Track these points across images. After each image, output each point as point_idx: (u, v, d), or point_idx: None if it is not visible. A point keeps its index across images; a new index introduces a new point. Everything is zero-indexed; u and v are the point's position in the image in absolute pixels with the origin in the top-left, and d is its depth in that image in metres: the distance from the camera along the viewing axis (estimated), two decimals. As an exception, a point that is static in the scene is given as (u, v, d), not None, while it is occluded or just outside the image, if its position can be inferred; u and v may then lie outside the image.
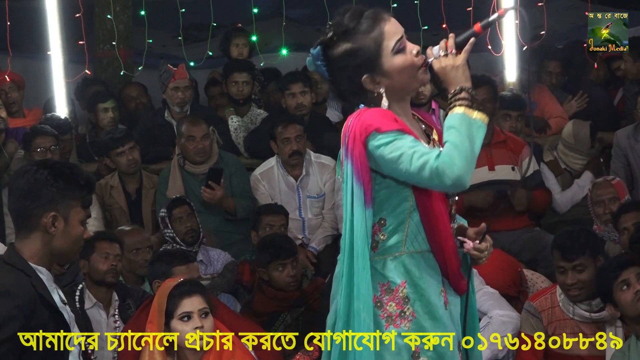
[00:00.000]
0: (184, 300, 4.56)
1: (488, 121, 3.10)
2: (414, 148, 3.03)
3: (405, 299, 3.13)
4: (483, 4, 6.85)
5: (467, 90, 3.09)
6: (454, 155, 2.99)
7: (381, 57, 3.12)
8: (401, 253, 3.15)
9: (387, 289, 3.13)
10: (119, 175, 6.72)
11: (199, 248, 6.16)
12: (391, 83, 3.15)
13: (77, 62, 7.49)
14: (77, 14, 7.05)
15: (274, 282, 5.50)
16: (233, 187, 6.61)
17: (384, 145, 3.04)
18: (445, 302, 3.19)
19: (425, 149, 3.05)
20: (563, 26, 9.76)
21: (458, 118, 3.05)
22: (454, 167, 2.98)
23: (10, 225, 6.35)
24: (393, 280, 3.13)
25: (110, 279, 5.34)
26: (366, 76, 3.13)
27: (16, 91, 7.38)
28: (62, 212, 3.32)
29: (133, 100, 7.89)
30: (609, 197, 6.09)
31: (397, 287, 3.13)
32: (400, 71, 3.14)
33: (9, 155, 6.67)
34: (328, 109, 7.82)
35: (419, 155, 3.01)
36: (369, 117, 3.09)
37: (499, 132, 6.37)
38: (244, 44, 8.09)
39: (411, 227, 3.15)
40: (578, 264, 4.93)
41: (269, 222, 6.09)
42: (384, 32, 3.13)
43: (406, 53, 3.14)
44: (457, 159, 2.99)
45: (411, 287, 3.13)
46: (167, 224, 6.15)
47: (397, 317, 3.13)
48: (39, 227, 3.31)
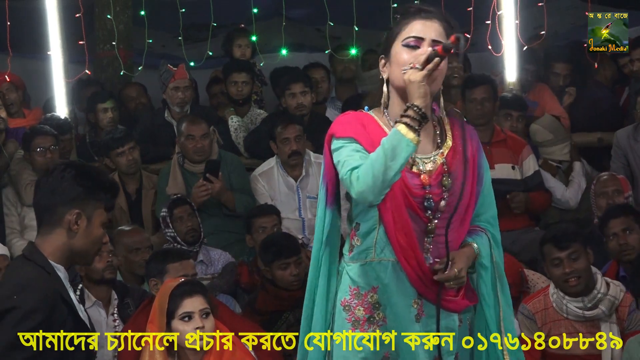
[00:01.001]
0: (185, 301, 4.57)
1: (418, 142, 3.04)
2: (348, 157, 3.09)
3: (376, 304, 3.14)
4: (483, 4, 6.86)
5: (414, 108, 3.04)
6: (365, 172, 3.03)
7: (394, 43, 3.18)
8: (372, 259, 3.17)
9: (357, 294, 3.16)
10: (119, 176, 6.72)
11: (199, 248, 6.16)
12: (390, 73, 3.20)
13: (77, 62, 7.49)
14: (77, 14, 7.05)
15: (278, 281, 5.50)
16: (232, 184, 6.61)
17: (335, 150, 3.15)
18: (420, 313, 3.17)
19: (354, 161, 3.08)
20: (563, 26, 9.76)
21: (392, 134, 3.05)
22: (359, 182, 3.04)
23: (10, 225, 6.35)
24: (362, 285, 3.15)
25: (109, 275, 5.37)
26: (382, 57, 3.23)
27: (14, 92, 7.38)
28: (86, 212, 3.38)
29: (133, 101, 7.89)
30: (613, 189, 6.08)
31: (367, 293, 3.15)
32: (397, 64, 3.17)
33: (9, 155, 6.67)
34: (328, 109, 7.81)
35: (347, 165, 3.09)
36: (336, 121, 3.21)
37: (499, 131, 6.38)
38: (247, 44, 8.08)
39: (380, 235, 3.16)
40: (572, 251, 4.95)
41: (261, 224, 6.08)
42: (410, 24, 3.17)
43: (413, 52, 3.14)
44: (365, 176, 3.03)
45: (383, 294, 3.15)
46: (168, 223, 6.14)
47: (365, 322, 3.13)
48: (62, 223, 3.36)
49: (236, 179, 6.66)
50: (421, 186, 3.16)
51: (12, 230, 6.34)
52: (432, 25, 3.15)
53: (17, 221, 6.38)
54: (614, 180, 6.14)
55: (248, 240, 6.17)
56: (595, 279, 5.02)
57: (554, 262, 5.01)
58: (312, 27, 9.91)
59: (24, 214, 6.39)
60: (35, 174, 6.40)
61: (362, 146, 3.11)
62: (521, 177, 6.29)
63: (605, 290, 4.99)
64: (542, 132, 6.75)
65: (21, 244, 6.25)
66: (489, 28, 6.77)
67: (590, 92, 7.51)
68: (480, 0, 6.91)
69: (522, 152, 6.34)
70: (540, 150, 6.78)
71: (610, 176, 6.20)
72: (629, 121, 7.03)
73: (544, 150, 6.77)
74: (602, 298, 4.97)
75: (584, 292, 4.98)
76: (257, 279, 5.99)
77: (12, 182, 6.48)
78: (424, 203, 3.15)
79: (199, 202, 6.38)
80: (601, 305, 4.96)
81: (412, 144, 3.01)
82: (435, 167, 3.19)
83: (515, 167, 6.29)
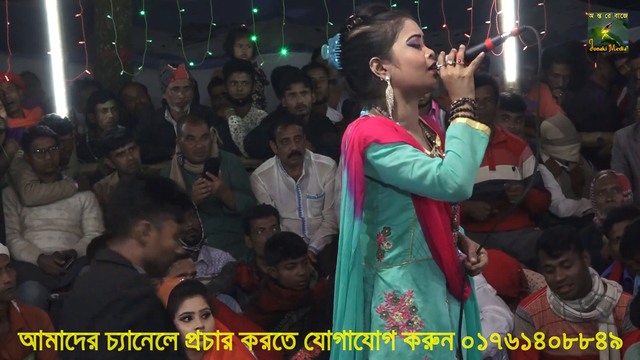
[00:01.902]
0: (186, 301, 4.57)
1: (490, 132, 3.10)
2: (415, 157, 3.03)
3: (413, 308, 3.11)
4: (483, 4, 6.85)
5: (470, 101, 3.09)
6: (456, 165, 3.00)
7: (394, 43, 3.14)
8: (408, 262, 3.14)
9: (393, 299, 3.12)
10: (119, 176, 6.72)
11: (200, 248, 6.16)
12: (398, 74, 3.14)
13: (77, 62, 7.47)
14: (77, 14, 7.03)
15: (283, 281, 5.50)
16: (232, 184, 6.61)
17: (383, 155, 3.05)
18: (449, 308, 3.19)
19: (426, 158, 3.05)
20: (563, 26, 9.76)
21: (461, 128, 3.05)
22: (456, 176, 3.00)
23: (10, 225, 6.35)
24: (399, 289, 3.11)
25: None
26: (375, 59, 3.14)
27: (15, 91, 7.37)
28: (155, 223, 3.41)
29: (133, 100, 7.89)
30: (612, 187, 6.09)
31: (403, 297, 3.11)
32: (409, 64, 3.13)
33: (8, 155, 6.66)
34: (328, 109, 7.82)
35: (420, 164, 3.02)
36: (368, 128, 3.09)
37: (500, 132, 6.38)
38: (248, 44, 8.08)
39: (416, 236, 3.14)
40: (564, 260, 4.94)
41: (260, 226, 6.07)
42: (404, 24, 3.16)
43: (420, 51, 3.15)
44: (460, 169, 3.00)
45: (418, 296, 3.12)
46: (169, 223, 6.12)
47: (405, 327, 3.11)
48: (132, 234, 3.40)
49: (236, 178, 6.66)
50: None
51: (12, 230, 6.34)
52: (416, 22, 3.20)
53: (17, 221, 6.38)
54: (613, 178, 6.15)
55: (247, 242, 6.17)
56: (592, 280, 5.02)
57: (547, 269, 5.02)
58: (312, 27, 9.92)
59: (24, 214, 6.39)
60: (35, 175, 6.40)
61: (413, 147, 3.07)
62: (521, 178, 6.29)
63: (603, 291, 4.99)
64: (553, 130, 6.75)
65: (21, 244, 6.26)
66: (489, 28, 6.76)
67: (585, 93, 7.53)
68: (480, 0, 6.91)
69: (522, 153, 6.34)
70: (549, 148, 6.77)
71: (610, 174, 6.21)
72: (628, 121, 7.03)
73: (552, 148, 6.76)
74: (599, 299, 4.97)
75: (581, 294, 4.98)
76: (256, 278, 5.99)
77: (12, 182, 6.48)
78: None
79: (199, 200, 6.38)
80: (598, 306, 4.96)
81: (486, 135, 3.07)
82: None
83: (515, 168, 6.29)
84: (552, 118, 6.85)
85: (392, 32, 3.14)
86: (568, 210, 6.61)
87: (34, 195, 6.35)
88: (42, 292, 6.06)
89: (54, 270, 6.17)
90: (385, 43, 3.14)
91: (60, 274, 6.19)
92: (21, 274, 5.71)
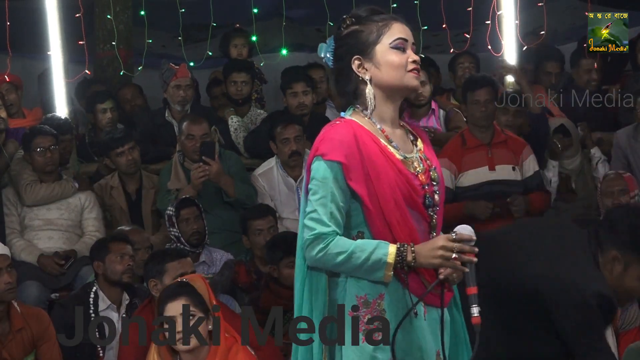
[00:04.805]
0: (167, 305, 4.58)
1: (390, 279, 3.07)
2: (324, 205, 3.07)
3: (383, 311, 3.11)
4: (483, 4, 6.86)
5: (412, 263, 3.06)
6: (338, 253, 3.05)
7: (377, 44, 3.16)
8: None
9: (365, 302, 3.11)
10: (119, 176, 6.72)
11: (202, 249, 6.15)
12: (377, 74, 3.16)
13: (77, 62, 7.48)
14: (77, 14, 7.03)
15: (284, 280, 5.50)
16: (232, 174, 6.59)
17: (315, 171, 3.10)
18: (424, 311, 3.16)
19: (325, 217, 3.06)
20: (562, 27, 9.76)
21: (383, 252, 3.05)
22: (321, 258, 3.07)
23: (10, 225, 6.35)
24: (370, 293, 3.11)
25: (127, 278, 5.50)
26: (356, 57, 3.17)
27: (14, 92, 7.37)
28: (625, 259, 3.45)
29: (128, 103, 7.87)
30: (619, 189, 6.07)
31: (375, 300, 3.11)
32: (388, 65, 3.15)
33: (9, 155, 6.66)
34: (328, 109, 7.81)
35: (317, 215, 3.07)
36: (326, 137, 3.12)
37: (500, 132, 6.38)
38: (243, 44, 8.10)
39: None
40: None
41: (257, 227, 6.07)
42: (390, 26, 3.17)
43: (403, 54, 3.16)
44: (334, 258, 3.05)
45: (388, 300, 3.11)
46: (174, 223, 6.11)
47: (374, 331, 3.11)
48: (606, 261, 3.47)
49: (235, 169, 6.65)
50: (421, 186, 3.18)
51: (12, 231, 6.33)
52: (407, 28, 3.21)
53: (17, 221, 6.38)
54: (620, 180, 6.12)
55: (245, 242, 6.17)
56: None
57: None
58: (312, 27, 9.91)
59: (24, 214, 6.39)
60: (35, 174, 6.40)
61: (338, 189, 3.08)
62: (521, 177, 6.29)
63: None
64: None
65: (21, 244, 6.25)
66: (488, 28, 6.77)
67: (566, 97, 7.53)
68: (480, 1, 6.91)
69: (523, 153, 6.33)
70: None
71: (617, 175, 6.18)
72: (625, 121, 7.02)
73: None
74: None
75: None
76: (254, 278, 5.99)
77: (12, 182, 6.48)
78: (426, 202, 3.17)
79: (198, 185, 6.37)
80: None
81: (384, 280, 3.06)
82: (423, 164, 3.22)
83: (515, 168, 6.29)
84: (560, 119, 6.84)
85: (377, 34, 3.16)
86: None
87: (34, 195, 6.35)
88: (42, 292, 6.07)
89: (54, 271, 6.17)
90: (369, 43, 3.16)
91: (60, 274, 6.19)
92: (21, 274, 5.71)
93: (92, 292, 5.51)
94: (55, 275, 6.19)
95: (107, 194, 6.69)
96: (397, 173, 3.12)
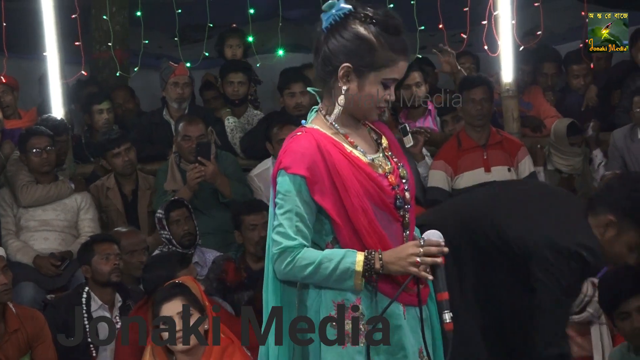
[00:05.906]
0: (163, 306, 4.57)
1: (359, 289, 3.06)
2: (290, 217, 3.05)
3: (361, 315, 3.09)
4: (479, 5, 6.86)
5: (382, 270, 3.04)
6: (304, 266, 3.03)
7: (374, 71, 3.09)
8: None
9: (341, 307, 3.09)
10: (115, 177, 6.71)
11: (194, 250, 6.15)
12: (354, 94, 3.11)
13: (73, 63, 7.47)
14: (73, 15, 7.03)
15: None
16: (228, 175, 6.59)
17: (279, 184, 3.08)
18: (404, 310, 3.14)
19: (291, 230, 3.05)
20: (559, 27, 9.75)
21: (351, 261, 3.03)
22: (289, 272, 3.05)
23: (5, 226, 6.34)
24: (347, 297, 3.09)
25: (115, 278, 5.48)
26: (347, 65, 3.10)
27: (10, 94, 7.37)
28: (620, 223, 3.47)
29: (120, 107, 7.84)
30: None
31: (352, 305, 3.08)
32: (368, 96, 3.11)
33: (4, 156, 6.66)
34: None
35: (283, 229, 3.05)
36: (289, 149, 3.11)
37: (495, 133, 6.38)
38: (238, 44, 8.10)
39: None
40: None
41: (251, 222, 6.04)
42: (397, 65, 3.11)
43: (385, 90, 3.12)
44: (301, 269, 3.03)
45: (366, 303, 3.10)
46: (164, 225, 6.11)
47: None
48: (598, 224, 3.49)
49: (231, 170, 6.64)
50: (391, 187, 3.15)
51: (7, 232, 6.33)
52: (406, 65, 3.16)
53: (13, 222, 6.37)
54: None
55: (237, 237, 6.14)
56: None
57: (620, 316, 4.93)
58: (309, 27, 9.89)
59: (19, 215, 6.38)
60: (31, 175, 6.39)
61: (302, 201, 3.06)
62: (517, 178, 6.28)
63: (592, 292, 4.96)
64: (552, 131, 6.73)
65: (17, 245, 6.25)
66: (485, 28, 6.76)
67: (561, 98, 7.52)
68: (476, 1, 6.91)
69: (518, 154, 6.33)
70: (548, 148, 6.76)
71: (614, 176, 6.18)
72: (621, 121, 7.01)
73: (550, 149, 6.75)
74: (589, 301, 4.95)
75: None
76: (244, 276, 5.95)
77: (8, 183, 6.47)
78: (397, 203, 3.15)
79: (193, 186, 6.35)
80: (589, 307, 4.93)
81: (355, 289, 3.05)
82: (390, 163, 3.19)
83: (511, 169, 6.29)
84: (560, 119, 6.82)
85: (382, 64, 3.09)
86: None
87: (30, 196, 6.34)
88: (37, 293, 6.06)
89: (50, 271, 6.16)
90: (369, 65, 3.09)
91: (56, 275, 6.18)
92: (17, 275, 5.70)
93: (85, 293, 5.50)
94: (51, 277, 6.18)
95: (103, 195, 6.69)
96: (366, 178, 3.09)
